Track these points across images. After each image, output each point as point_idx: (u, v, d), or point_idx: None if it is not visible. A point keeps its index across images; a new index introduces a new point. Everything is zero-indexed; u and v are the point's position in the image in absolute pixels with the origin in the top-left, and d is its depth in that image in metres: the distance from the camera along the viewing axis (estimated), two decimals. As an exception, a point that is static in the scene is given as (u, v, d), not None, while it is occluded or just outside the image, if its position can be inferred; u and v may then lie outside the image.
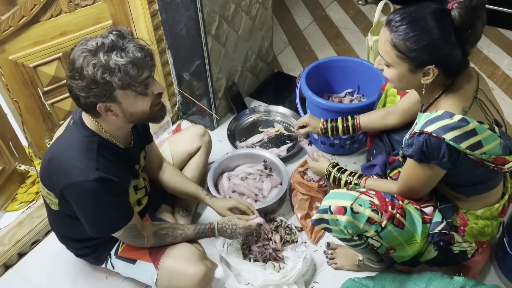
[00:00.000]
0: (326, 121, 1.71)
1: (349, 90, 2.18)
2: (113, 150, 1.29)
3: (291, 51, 2.83)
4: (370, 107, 1.82)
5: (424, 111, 1.22)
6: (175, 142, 1.79)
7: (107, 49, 1.09)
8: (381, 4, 2.22)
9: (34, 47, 1.67)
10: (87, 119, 1.25)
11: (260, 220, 1.52)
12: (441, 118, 1.12)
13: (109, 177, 1.21)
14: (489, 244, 1.54)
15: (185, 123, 2.29)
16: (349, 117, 1.68)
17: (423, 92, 1.19)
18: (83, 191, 1.20)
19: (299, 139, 1.74)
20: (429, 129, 1.12)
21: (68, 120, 1.31)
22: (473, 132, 1.11)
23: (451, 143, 1.10)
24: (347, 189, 1.30)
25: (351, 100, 2.14)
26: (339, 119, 1.69)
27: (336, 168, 1.52)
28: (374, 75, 2.00)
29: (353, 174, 1.47)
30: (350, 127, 1.67)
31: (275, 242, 1.67)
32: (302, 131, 1.74)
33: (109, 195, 1.23)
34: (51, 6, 1.64)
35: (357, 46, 2.82)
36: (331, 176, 1.52)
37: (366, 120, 1.65)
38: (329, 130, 1.70)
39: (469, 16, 1.05)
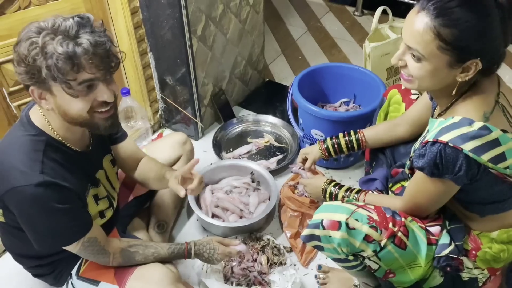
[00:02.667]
0: (325, 140, 1.54)
1: (345, 100, 2.05)
2: (64, 153, 1.12)
3: (283, 60, 2.70)
4: (368, 116, 1.67)
5: (438, 116, 1.07)
6: (153, 150, 1.63)
7: (56, 32, 0.95)
8: (379, 10, 2.10)
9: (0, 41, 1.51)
10: (35, 115, 1.10)
11: (241, 248, 1.36)
12: (458, 125, 0.97)
13: (57, 181, 1.05)
14: (501, 271, 1.37)
15: (167, 132, 2.13)
16: (352, 132, 1.51)
17: (453, 93, 1.02)
18: (25, 197, 1.03)
19: (291, 167, 1.57)
20: (445, 138, 0.97)
21: None
22: (496, 142, 0.96)
23: (470, 154, 0.95)
24: (342, 202, 1.14)
25: (347, 110, 2.00)
26: (340, 135, 1.52)
27: (332, 184, 1.38)
28: (372, 83, 1.86)
29: (350, 189, 1.34)
30: (355, 143, 1.49)
31: (260, 264, 1.50)
32: (308, 164, 1.54)
33: (58, 203, 1.06)
34: (19, -3, 1.49)
35: (353, 57, 2.70)
36: (327, 193, 1.38)
37: (372, 133, 1.48)
38: (330, 147, 1.52)
39: None
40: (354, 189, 1.33)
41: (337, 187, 1.37)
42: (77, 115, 1.04)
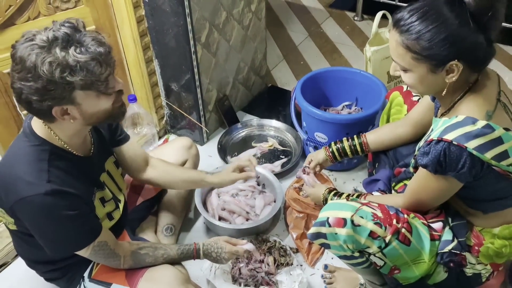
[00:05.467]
0: (329, 145, 1.58)
1: (347, 103, 2.08)
2: (68, 160, 1.15)
3: (285, 65, 2.74)
4: (370, 118, 1.71)
5: (442, 116, 1.11)
6: (160, 154, 1.65)
7: (62, 44, 0.96)
8: (379, 15, 2.14)
9: (9, 52, 1.53)
10: (37, 126, 1.12)
11: (249, 247, 1.37)
12: (462, 124, 1.00)
13: (64, 189, 1.08)
14: (504, 267, 1.39)
15: (173, 137, 2.16)
16: (355, 137, 1.55)
17: (443, 93, 1.06)
18: (34, 207, 1.06)
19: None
20: (449, 136, 1.00)
21: None
22: (498, 141, 0.99)
23: (474, 152, 0.98)
24: (347, 200, 1.17)
25: (349, 113, 2.03)
26: (344, 140, 1.56)
27: (332, 193, 1.41)
28: (374, 86, 1.89)
29: (351, 195, 1.37)
30: (358, 147, 1.53)
31: (267, 264, 1.53)
32: (312, 164, 1.58)
33: (66, 209, 1.09)
34: (28, 8, 1.53)
35: (354, 61, 2.74)
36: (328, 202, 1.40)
37: (374, 137, 1.52)
38: (335, 152, 1.56)
39: None
40: (354, 194, 1.36)
41: (336, 196, 1.40)
42: (104, 111, 1.08)
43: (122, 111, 1.15)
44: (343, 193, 1.40)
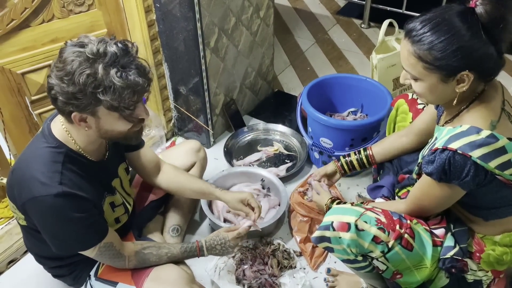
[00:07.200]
0: (338, 160, 1.61)
1: (352, 109, 2.10)
2: (82, 163, 1.18)
3: (292, 71, 2.77)
4: (376, 125, 1.73)
5: (445, 124, 1.13)
6: (168, 156, 1.69)
7: (107, 62, 1.00)
8: (385, 23, 2.17)
9: (23, 53, 1.59)
10: (56, 128, 1.16)
11: (248, 223, 1.41)
12: (467, 133, 1.02)
13: (75, 192, 1.11)
14: (505, 274, 1.41)
15: (180, 140, 2.20)
16: (362, 150, 1.58)
17: (454, 103, 1.08)
18: (44, 206, 1.10)
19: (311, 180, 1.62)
20: (454, 145, 1.02)
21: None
22: (502, 150, 1.01)
23: (478, 161, 1.00)
24: (352, 205, 1.19)
25: (354, 119, 2.05)
26: (351, 153, 1.59)
27: (335, 203, 1.43)
28: (379, 93, 1.92)
29: (353, 203, 1.37)
30: (364, 159, 1.56)
31: (271, 267, 1.55)
32: (318, 175, 1.59)
33: (75, 211, 1.12)
34: (43, 10, 1.57)
35: (360, 68, 2.76)
36: None
37: (380, 148, 1.55)
38: (344, 165, 1.59)
39: (496, 10, 0.96)
40: (358, 201, 1.38)
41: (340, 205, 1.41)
42: (119, 132, 1.13)
43: (137, 136, 1.19)
44: (345, 203, 1.41)
